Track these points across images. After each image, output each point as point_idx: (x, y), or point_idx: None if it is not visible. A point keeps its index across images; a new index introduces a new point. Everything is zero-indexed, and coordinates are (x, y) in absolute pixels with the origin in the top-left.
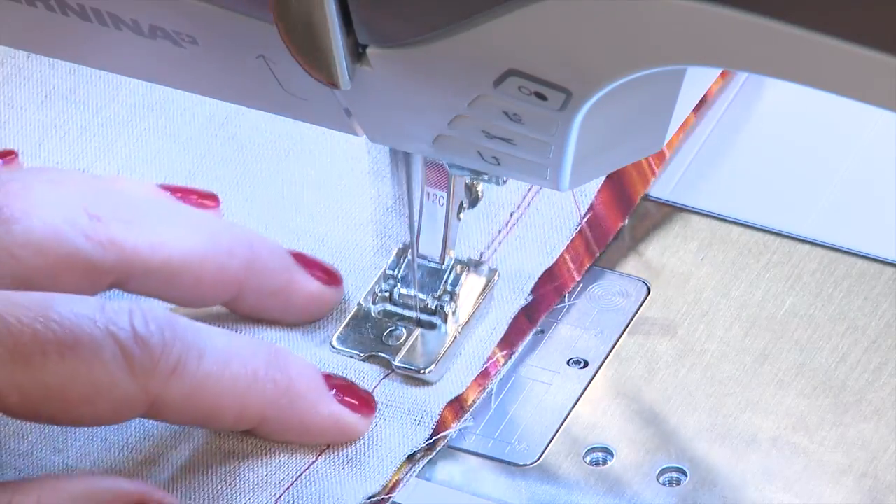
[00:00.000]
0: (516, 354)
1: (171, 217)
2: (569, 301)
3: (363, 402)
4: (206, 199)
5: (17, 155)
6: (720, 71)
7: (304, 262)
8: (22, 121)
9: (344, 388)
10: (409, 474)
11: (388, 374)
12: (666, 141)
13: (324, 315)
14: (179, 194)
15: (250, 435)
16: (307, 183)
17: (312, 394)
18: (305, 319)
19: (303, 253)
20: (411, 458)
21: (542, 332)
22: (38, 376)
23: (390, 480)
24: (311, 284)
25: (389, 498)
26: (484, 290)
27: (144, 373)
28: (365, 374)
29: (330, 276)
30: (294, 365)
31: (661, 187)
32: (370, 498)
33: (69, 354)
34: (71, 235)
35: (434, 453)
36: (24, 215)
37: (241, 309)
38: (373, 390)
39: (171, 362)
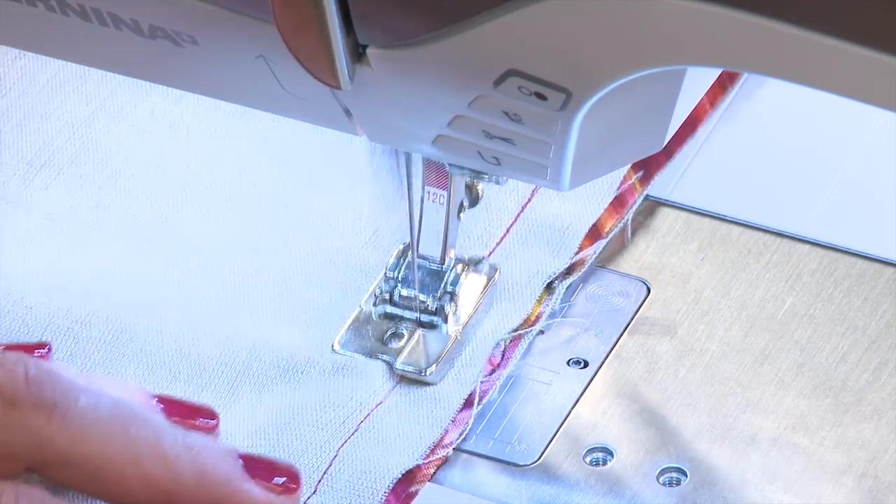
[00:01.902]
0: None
1: (109, 414)
2: (569, 301)
3: (284, 483)
4: (200, 416)
5: (49, 350)
6: (720, 71)
7: (255, 468)
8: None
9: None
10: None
11: (398, 383)
12: (666, 141)
13: None
14: (170, 408)
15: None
16: (305, 183)
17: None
18: None
19: (256, 458)
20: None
21: (541, 332)
22: None
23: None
24: (257, 496)
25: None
26: (485, 288)
27: None
28: (374, 387)
29: (282, 484)
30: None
31: (661, 187)
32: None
33: None
34: None
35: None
36: None
37: None
38: (381, 402)
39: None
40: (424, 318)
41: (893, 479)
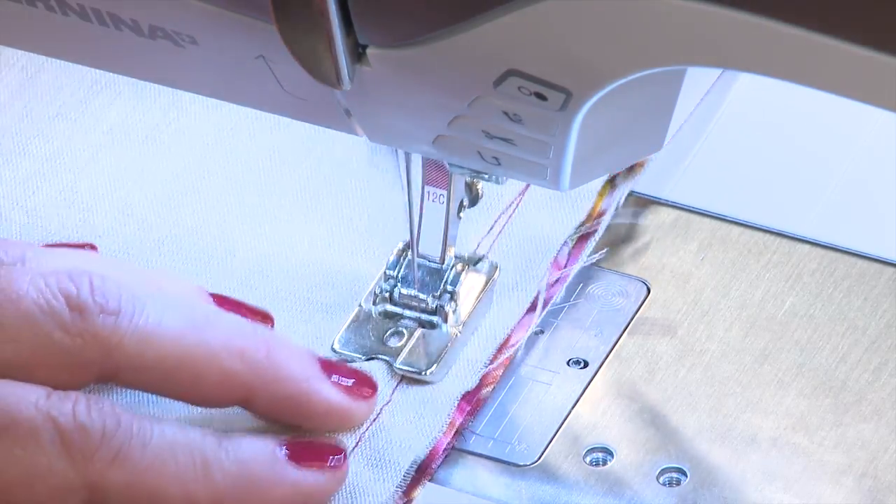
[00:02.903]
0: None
1: (178, 311)
2: (569, 301)
3: (324, 457)
4: (257, 317)
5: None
6: (720, 71)
7: (331, 369)
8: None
9: (306, 453)
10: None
11: (399, 383)
12: (666, 141)
13: (348, 428)
14: (228, 306)
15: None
16: (305, 182)
17: (267, 474)
18: (327, 429)
19: (333, 361)
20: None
21: (542, 332)
22: None
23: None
24: (332, 395)
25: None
26: (485, 287)
27: (83, 459)
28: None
29: (357, 389)
30: (247, 449)
31: (661, 187)
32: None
33: (4, 435)
34: (47, 327)
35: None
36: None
37: (256, 411)
38: (384, 405)
39: (111, 450)
40: (424, 316)
41: (893, 479)
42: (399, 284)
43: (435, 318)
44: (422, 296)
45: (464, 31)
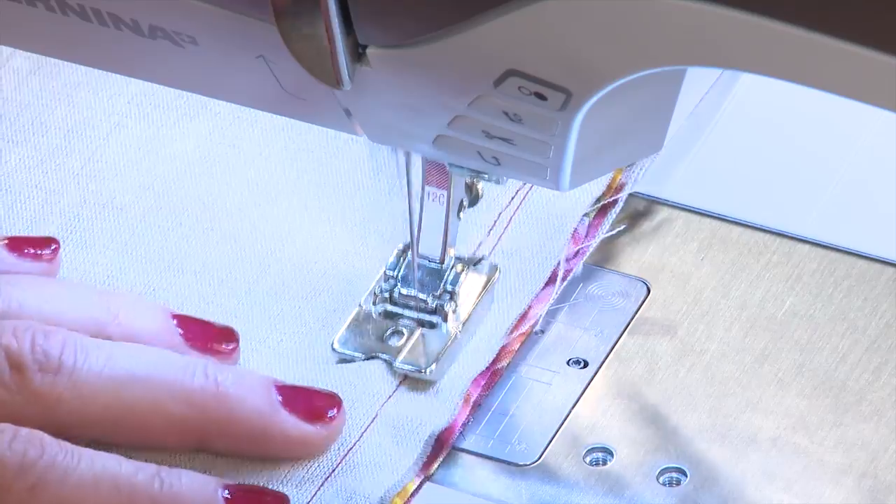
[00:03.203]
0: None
1: (124, 357)
2: (569, 301)
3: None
4: (221, 340)
5: (58, 248)
6: (720, 71)
7: (291, 397)
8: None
9: (241, 496)
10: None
11: (399, 385)
12: (666, 141)
13: (312, 455)
14: (191, 333)
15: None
16: (305, 182)
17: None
18: (292, 458)
19: (292, 387)
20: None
21: (542, 332)
22: None
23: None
24: (288, 426)
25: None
26: (485, 287)
27: (0, 491)
28: (376, 390)
29: (319, 414)
30: (181, 482)
31: (661, 187)
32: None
33: None
34: None
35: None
36: None
37: (217, 452)
38: (384, 404)
39: (28, 481)
40: (424, 316)
41: (893, 479)
42: (399, 284)
43: (435, 318)
44: (422, 296)
45: (464, 31)
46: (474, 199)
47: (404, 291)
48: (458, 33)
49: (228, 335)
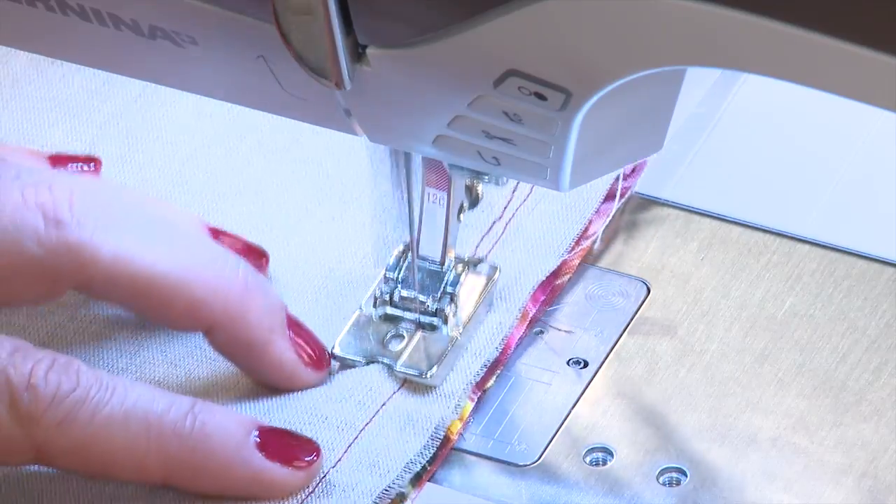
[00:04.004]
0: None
1: (160, 234)
2: (570, 301)
3: (295, 454)
4: (250, 255)
5: (99, 164)
6: (720, 71)
7: (296, 330)
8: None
9: (275, 442)
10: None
11: (399, 388)
12: (666, 141)
13: (295, 389)
14: (225, 239)
15: None
16: (304, 184)
17: (230, 452)
18: (274, 385)
19: (300, 323)
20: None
21: (542, 332)
22: None
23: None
24: (287, 356)
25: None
26: (485, 288)
27: (29, 420)
28: (376, 390)
29: (312, 358)
30: (214, 422)
31: (661, 187)
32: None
33: None
34: (22, 239)
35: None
36: None
37: (213, 344)
38: (384, 404)
39: (58, 414)
40: (424, 319)
41: (893, 479)
42: (399, 287)
43: (435, 321)
44: (422, 298)
45: (464, 31)
46: (474, 200)
47: (404, 294)
48: (458, 33)
49: (258, 254)
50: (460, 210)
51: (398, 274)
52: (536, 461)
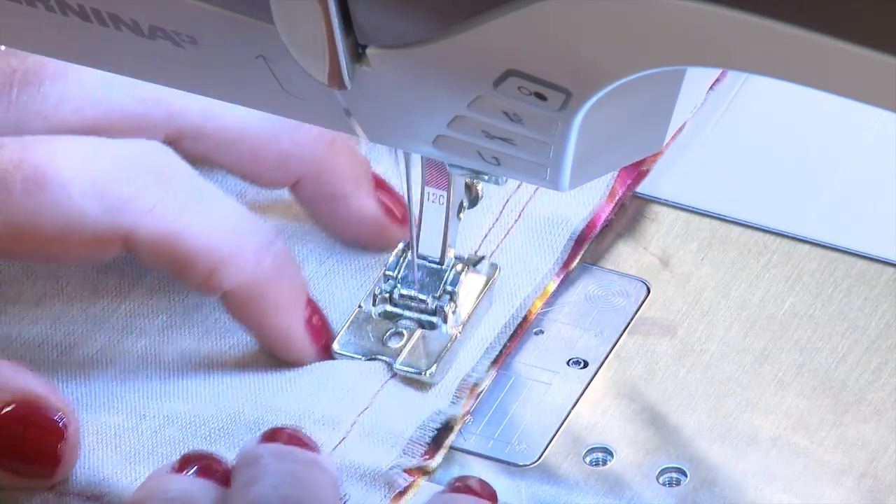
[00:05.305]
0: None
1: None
2: (569, 301)
3: (325, 341)
4: None
5: None
6: (720, 71)
7: (382, 188)
8: None
9: (318, 320)
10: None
11: (393, 375)
12: (666, 141)
13: (374, 246)
14: None
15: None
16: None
17: (285, 301)
18: (355, 240)
19: (385, 182)
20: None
21: (542, 332)
22: (3, 214)
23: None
24: (371, 209)
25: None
26: (485, 287)
27: (117, 209)
28: (372, 374)
29: (395, 215)
30: (286, 266)
31: (662, 187)
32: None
33: (37, 189)
34: (113, 93)
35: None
36: (58, 76)
37: (298, 198)
38: (378, 392)
39: (146, 203)
40: (424, 317)
41: (893, 479)
42: (399, 285)
43: (435, 319)
44: (421, 296)
45: (464, 31)
46: (474, 199)
47: (404, 292)
48: (458, 33)
49: None
50: (460, 209)
51: (398, 272)
52: (536, 461)
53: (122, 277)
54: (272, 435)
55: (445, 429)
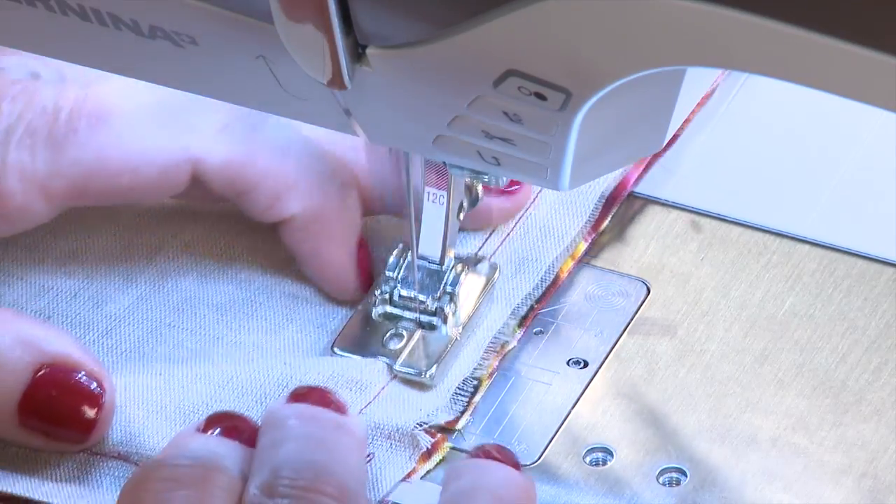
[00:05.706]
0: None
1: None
2: (569, 301)
3: (368, 277)
4: None
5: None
6: (720, 71)
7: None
8: None
9: (365, 255)
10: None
11: (394, 377)
12: (666, 141)
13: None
14: None
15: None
16: None
17: (343, 231)
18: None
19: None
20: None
21: (541, 332)
22: (71, 153)
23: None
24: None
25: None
26: (485, 288)
27: (188, 131)
28: (371, 378)
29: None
30: (349, 197)
31: (662, 187)
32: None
33: (100, 126)
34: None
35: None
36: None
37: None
38: (378, 393)
39: (213, 129)
40: (424, 318)
41: (893, 479)
42: (399, 286)
43: (434, 320)
44: (421, 297)
45: (464, 31)
46: (474, 200)
47: (404, 293)
48: (458, 33)
49: None
50: (460, 209)
51: (398, 273)
52: (536, 461)
53: (153, 236)
54: (301, 395)
55: (473, 392)
